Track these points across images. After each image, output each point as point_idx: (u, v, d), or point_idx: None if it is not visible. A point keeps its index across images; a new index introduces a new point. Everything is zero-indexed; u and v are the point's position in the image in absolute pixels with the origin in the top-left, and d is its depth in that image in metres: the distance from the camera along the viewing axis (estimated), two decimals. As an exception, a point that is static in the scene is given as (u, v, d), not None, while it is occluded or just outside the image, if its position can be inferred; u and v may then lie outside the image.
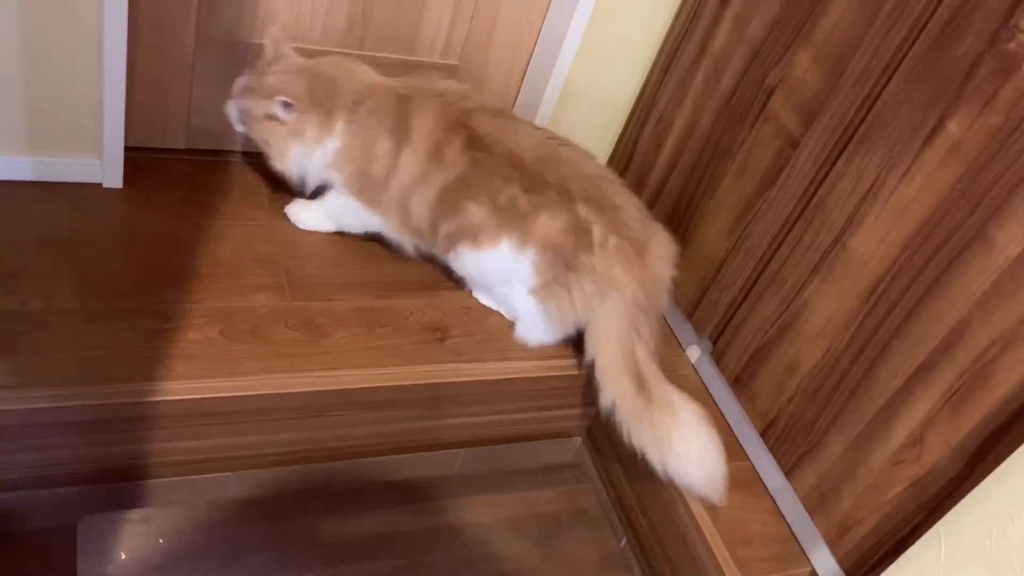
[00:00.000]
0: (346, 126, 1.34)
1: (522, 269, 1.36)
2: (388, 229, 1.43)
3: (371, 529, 1.30)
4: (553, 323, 1.39)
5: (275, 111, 1.32)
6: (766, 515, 1.34)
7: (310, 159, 1.38)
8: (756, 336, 1.39)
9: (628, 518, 1.47)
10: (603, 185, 1.36)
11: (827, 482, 1.26)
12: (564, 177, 1.33)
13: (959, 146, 1.08)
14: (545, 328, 1.41)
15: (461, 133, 1.33)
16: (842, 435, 1.23)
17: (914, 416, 1.13)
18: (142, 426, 1.16)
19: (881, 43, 1.18)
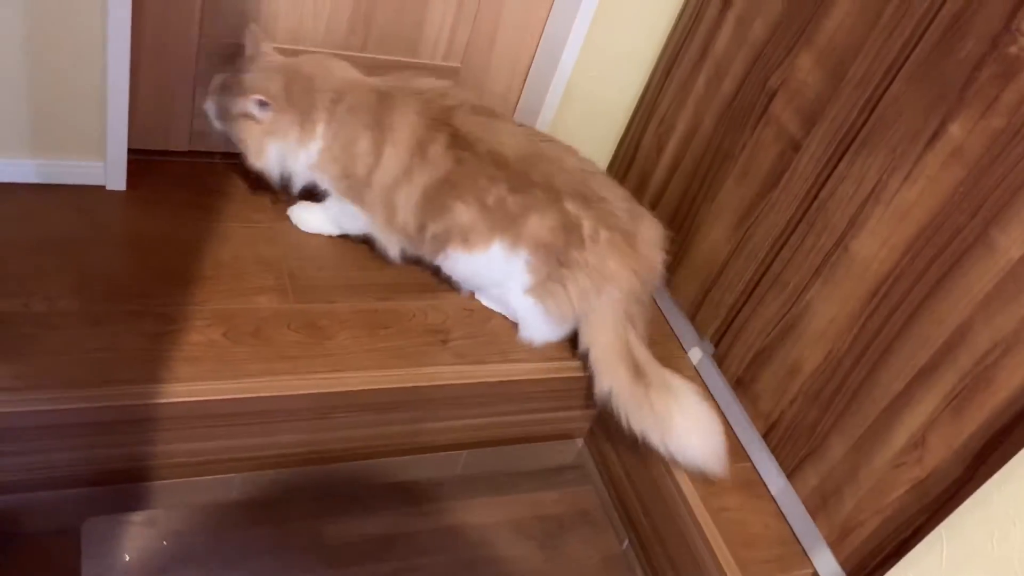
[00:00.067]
0: (326, 126, 1.33)
1: (515, 269, 1.36)
2: (375, 230, 1.42)
3: (374, 531, 1.31)
4: (554, 320, 1.40)
5: (251, 109, 1.31)
6: (768, 517, 1.34)
7: (293, 161, 1.37)
8: (758, 338, 1.40)
9: (630, 519, 1.48)
10: (587, 178, 1.37)
11: (829, 484, 1.26)
12: (549, 174, 1.33)
13: (961, 149, 1.08)
14: (547, 325, 1.42)
15: (444, 131, 1.33)
16: (844, 437, 1.23)
17: (916, 418, 1.13)
18: (145, 428, 1.16)
19: (883, 46, 1.18)
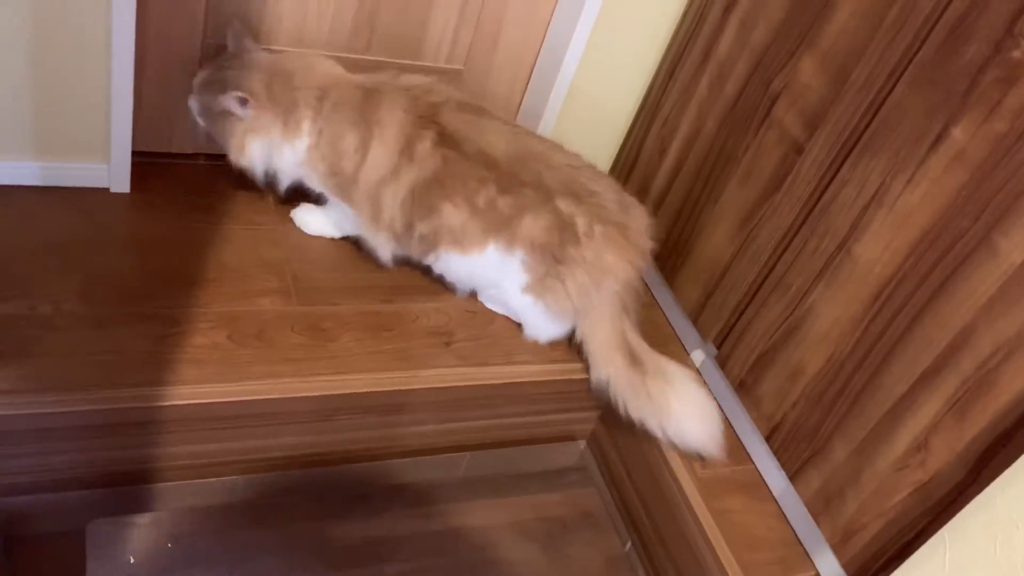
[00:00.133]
0: (312, 123, 1.33)
1: (511, 269, 1.37)
2: (363, 230, 1.41)
3: (377, 533, 1.31)
4: (555, 316, 1.40)
5: (232, 107, 1.30)
6: (771, 519, 1.34)
7: (279, 158, 1.36)
8: (761, 341, 1.40)
9: (633, 521, 1.48)
10: (576, 174, 1.37)
11: (832, 487, 1.26)
12: (537, 172, 1.33)
13: (964, 153, 1.09)
14: (549, 323, 1.42)
15: (431, 129, 1.32)
16: (847, 440, 1.24)
17: (919, 422, 1.13)
18: (150, 430, 1.17)
19: (886, 49, 1.19)
